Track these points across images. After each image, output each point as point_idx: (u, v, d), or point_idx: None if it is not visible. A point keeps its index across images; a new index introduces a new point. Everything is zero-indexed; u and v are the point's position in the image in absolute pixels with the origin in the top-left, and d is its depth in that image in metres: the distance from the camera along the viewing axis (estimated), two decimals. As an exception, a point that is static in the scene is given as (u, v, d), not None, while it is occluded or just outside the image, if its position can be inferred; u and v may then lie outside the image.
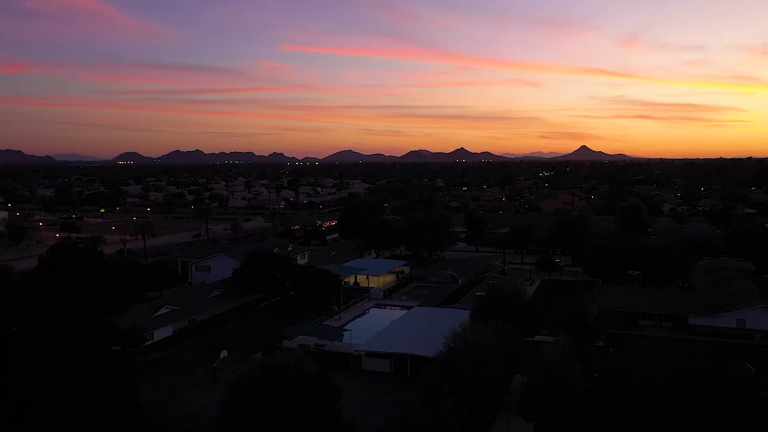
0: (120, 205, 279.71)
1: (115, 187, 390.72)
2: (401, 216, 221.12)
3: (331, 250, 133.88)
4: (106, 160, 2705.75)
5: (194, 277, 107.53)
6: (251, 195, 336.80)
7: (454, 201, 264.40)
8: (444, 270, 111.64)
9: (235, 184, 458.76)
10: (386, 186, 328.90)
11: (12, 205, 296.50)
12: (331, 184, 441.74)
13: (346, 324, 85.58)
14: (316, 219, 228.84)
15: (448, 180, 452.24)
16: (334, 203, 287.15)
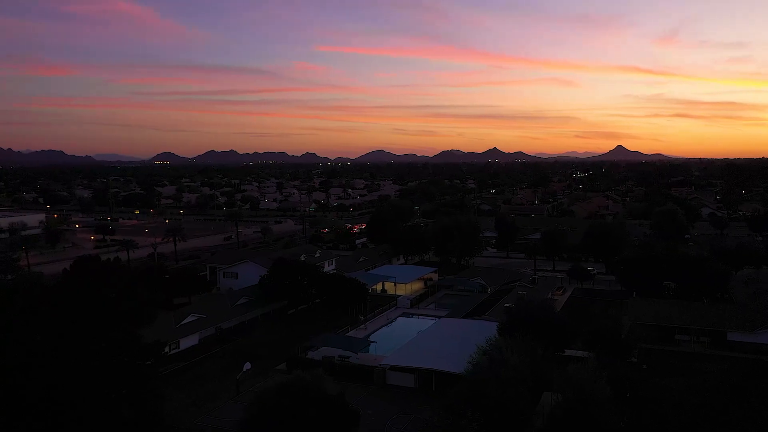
0: (154, 207, 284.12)
1: (150, 188, 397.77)
2: (431, 219, 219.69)
3: (359, 255, 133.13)
4: (144, 160, 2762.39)
5: (222, 283, 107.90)
6: (282, 197, 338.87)
7: (485, 204, 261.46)
8: (473, 278, 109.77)
9: (267, 186, 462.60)
10: (417, 188, 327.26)
11: (51, 207, 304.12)
12: (362, 186, 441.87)
13: (371, 334, 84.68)
14: (345, 222, 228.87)
15: (479, 181, 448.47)
16: (365, 205, 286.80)
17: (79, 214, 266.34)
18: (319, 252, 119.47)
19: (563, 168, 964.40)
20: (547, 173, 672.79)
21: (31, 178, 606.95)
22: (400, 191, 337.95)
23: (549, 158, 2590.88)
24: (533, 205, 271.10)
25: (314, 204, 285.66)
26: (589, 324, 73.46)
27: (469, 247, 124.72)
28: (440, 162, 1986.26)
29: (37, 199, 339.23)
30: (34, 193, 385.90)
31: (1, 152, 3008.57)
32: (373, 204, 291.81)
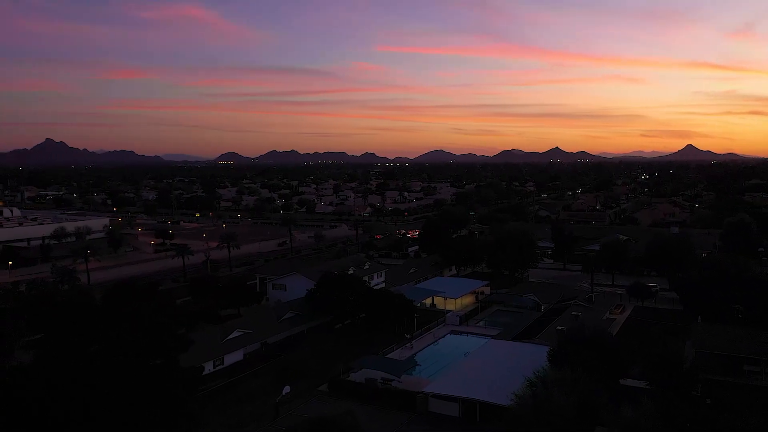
0: (214, 210, 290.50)
1: (212, 190, 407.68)
2: (487, 225, 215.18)
3: (409, 266, 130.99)
4: (209, 160, 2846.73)
5: (271, 295, 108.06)
6: (338, 200, 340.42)
7: (543, 209, 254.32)
8: (525, 294, 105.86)
9: (325, 188, 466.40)
10: (473, 192, 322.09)
11: (117, 209, 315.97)
12: (419, 188, 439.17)
13: (417, 352, 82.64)
14: (400, 227, 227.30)
15: (538, 184, 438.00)
16: (420, 210, 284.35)
17: (143, 216, 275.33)
18: (368, 263, 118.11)
19: (628, 168, 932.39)
20: (610, 174, 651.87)
21: (102, 179, 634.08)
22: (456, 195, 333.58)
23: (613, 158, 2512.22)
24: (594, 211, 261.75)
25: (369, 208, 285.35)
26: (647, 350, 69.02)
27: (522, 259, 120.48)
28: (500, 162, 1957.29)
29: (105, 200, 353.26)
30: (103, 194, 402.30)
31: (78, 153, 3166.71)
32: (428, 208, 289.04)
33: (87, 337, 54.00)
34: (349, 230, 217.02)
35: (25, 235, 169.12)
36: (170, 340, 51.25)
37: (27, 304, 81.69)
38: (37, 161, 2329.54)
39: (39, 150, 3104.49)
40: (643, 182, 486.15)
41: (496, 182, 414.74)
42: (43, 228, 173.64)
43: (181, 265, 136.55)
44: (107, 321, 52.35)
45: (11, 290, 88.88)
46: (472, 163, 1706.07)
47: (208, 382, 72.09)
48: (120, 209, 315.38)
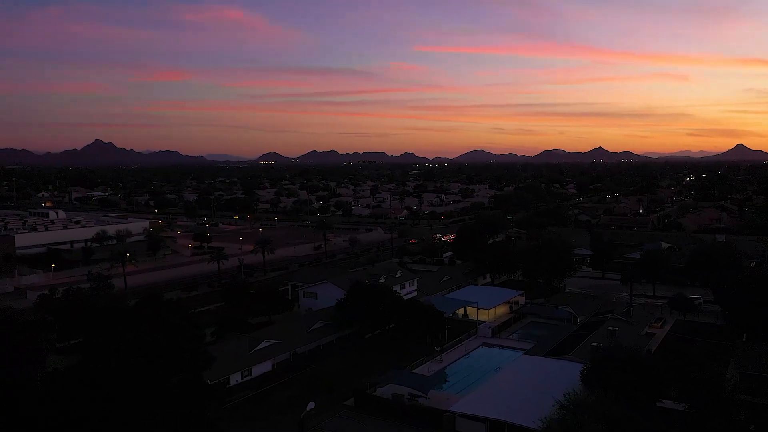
0: (252, 212, 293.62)
1: (251, 191, 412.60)
2: (524, 230, 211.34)
3: (442, 274, 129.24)
4: (250, 160, 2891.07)
5: (302, 303, 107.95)
6: (375, 202, 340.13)
7: (583, 214, 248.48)
8: (561, 306, 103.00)
9: (363, 189, 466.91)
10: (511, 195, 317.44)
11: (159, 210, 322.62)
12: (457, 190, 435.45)
13: (447, 366, 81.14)
14: (435, 232, 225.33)
15: (579, 186, 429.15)
16: (457, 213, 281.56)
17: (184, 218, 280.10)
18: (400, 272, 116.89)
19: (674, 169, 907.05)
20: (655, 176, 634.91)
21: (146, 180, 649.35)
22: (494, 197, 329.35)
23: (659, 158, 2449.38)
24: (637, 215, 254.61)
25: (405, 211, 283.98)
26: (688, 370, 65.99)
27: (559, 269, 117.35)
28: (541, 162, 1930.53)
29: (148, 201, 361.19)
30: (147, 195, 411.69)
31: (125, 153, 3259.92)
32: (465, 211, 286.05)
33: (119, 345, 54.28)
34: (384, 234, 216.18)
35: (68, 237, 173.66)
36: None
37: (62, 311, 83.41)
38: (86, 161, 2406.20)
39: (89, 150, 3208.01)
40: (690, 185, 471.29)
41: (535, 184, 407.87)
42: (86, 231, 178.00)
43: (216, 270, 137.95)
44: (134, 327, 52.42)
45: (49, 296, 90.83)
46: (513, 164, 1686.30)
47: (236, 393, 72.13)
48: (161, 210, 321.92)
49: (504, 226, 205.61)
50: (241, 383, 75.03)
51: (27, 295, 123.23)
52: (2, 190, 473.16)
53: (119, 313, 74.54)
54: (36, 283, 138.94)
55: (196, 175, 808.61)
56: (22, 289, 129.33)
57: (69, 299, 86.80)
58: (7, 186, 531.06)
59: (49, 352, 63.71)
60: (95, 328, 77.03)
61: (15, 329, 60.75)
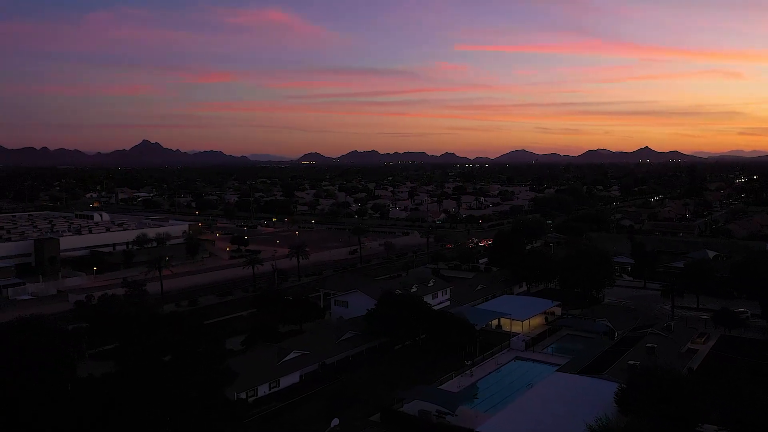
0: (290, 215, 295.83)
1: (290, 193, 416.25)
2: (564, 235, 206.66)
3: (477, 282, 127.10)
4: (292, 160, 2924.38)
5: (333, 311, 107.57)
6: (413, 205, 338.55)
7: (626, 218, 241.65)
8: (599, 318, 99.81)
9: (401, 190, 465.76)
10: (552, 198, 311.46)
11: (200, 212, 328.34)
12: (497, 192, 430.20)
13: (478, 380, 79.35)
14: (472, 236, 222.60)
15: (623, 189, 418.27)
16: (495, 216, 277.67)
17: (224, 220, 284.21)
18: (432, 280, 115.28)
19: (725, 170, 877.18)
20: (704, 177, 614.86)
21: (190, 180, 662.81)
22: (533, 200, 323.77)
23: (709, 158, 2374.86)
24: (683, 220, 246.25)
25: (443, 214, 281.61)
26: (731, 391, 62.78)
27: (596, 279, 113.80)
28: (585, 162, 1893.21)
29: (190, 203, 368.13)
30: (189, 196, 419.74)
31: (171, 153, 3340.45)
32: (504, 215, 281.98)
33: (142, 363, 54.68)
34: (420, 238, 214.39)
35: (110, 240, 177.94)
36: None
37: (96, 318, 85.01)
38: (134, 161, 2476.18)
39: (137, 151, 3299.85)
40: (740, 187, 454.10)
41: (576, 187, 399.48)
42: (127, 234, 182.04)
43: (251, 274, 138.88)
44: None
45: (85, 302, 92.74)
46: (556, 164, 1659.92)
47: (263, 405, 72.03)
48: (203, 212, 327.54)
49: (543, 232, 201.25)
50: (268, 394, 74.91)
51: (69, 298, 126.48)
52: (53, 191, 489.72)
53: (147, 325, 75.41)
54: (78, 286, 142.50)
55: (238, 176, 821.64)
56: (64, 292, 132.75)
57: (103, 306, 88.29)
58: (58, 187, 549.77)
59: (79, 360, 64.40)
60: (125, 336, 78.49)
61: (45, 338, 61.88)
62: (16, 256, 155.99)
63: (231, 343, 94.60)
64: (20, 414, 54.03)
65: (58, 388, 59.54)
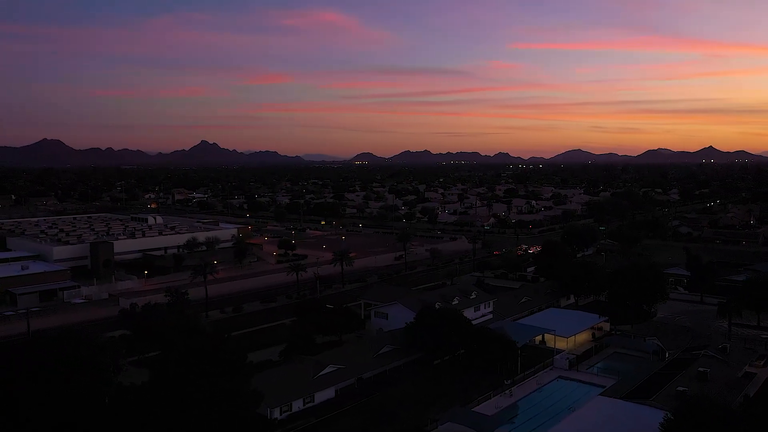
0: (339, 218, 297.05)
1: (340, 195, 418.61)
2: (617, 242, 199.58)
3: (522, 294, 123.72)
4: (345, 160, 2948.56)
5: (373, 322, 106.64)
6: (462, 208, 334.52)
7: (684, 225, 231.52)
8: (649, 337, 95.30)
9: (452, 192, 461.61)
10: (606, 202, 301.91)
11: (251, 214, 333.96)
12: (549, 195, 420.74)
13: (518, 400, 76.81)
14: (522, 242, 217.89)
15: (683, 193, 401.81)
16: (546, 222, 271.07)
17: (274, 222, 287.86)
18: (475, 293, 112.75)
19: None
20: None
21: (244, 181, 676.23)
22: (587, 205, 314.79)
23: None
24: (747, 227, 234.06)
25: (492, 218, 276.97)
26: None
27: (647, 295, 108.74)
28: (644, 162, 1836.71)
29: (242, 204, 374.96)
30: (242, 197, 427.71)
31: (228, 153, 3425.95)
32: (555, 220, 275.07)
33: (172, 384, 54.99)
34: (468, 244, 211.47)
35: (163, 243, 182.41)
36: (233, 384, 50.69)
37: (139, 326, 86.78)
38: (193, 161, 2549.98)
39: (195, 151, 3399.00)
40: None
41: (633, 190, 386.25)
42: (178, 237, 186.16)
43: (296, 280, 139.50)
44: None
45: (129, 311, 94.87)
46: (613, 164, 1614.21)
47: (297, 420, 71.67)
48: (254, 214, 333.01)
49: (595, 239, 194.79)
50: (303, 410, 74.44)
51: (119, 302, 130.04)
52: (115, 192, 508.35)
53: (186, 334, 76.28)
54: (129, 289, 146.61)
55: (291, 176, 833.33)
56: (116, 296, 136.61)
57: (146, 313, 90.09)
58: (119, 187, 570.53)
59: (115, 373, 65.61)
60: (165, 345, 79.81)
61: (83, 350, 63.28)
62: (73, 259, 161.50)
63: (270, 353, 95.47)
64: (57, 427, 55.33)
65: (93, 401, 60.80)
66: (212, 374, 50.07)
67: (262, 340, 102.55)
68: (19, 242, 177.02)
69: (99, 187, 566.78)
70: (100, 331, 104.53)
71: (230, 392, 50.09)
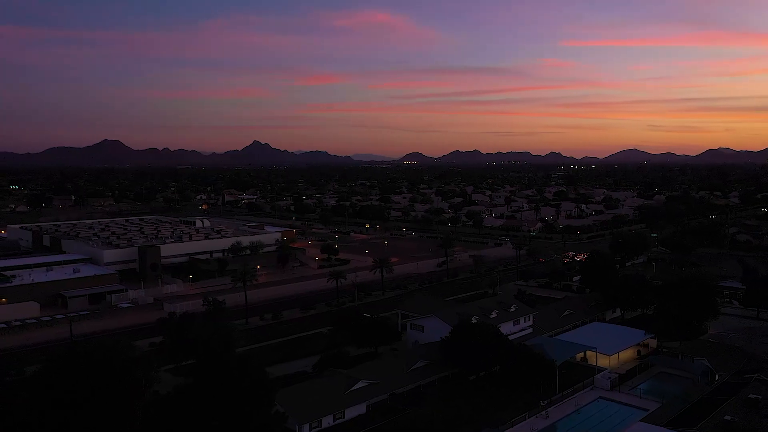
0: (383, 221, 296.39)
1: (387, 197, 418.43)
2: (670, 250, 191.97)
3: (565, 307, 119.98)
4: (394, 160, 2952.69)
5: (409, 335, 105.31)
6: (509, 212, 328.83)
7: (743, 233, 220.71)
8: (698, 357, 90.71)
9: (499, 195, 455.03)
10: (660, 207, 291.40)
11: (298, 216, 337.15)
12: (601, 197, 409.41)
13: (554, 422, 74.22)
14: (569, 248, 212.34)
15: (744, 197, 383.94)
16: (596, 227, 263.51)
17: (319, 225, 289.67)
18: (514, 306, 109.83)
19: None
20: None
21: (292, 182, 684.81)
22: (640, 209, 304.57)
23: None
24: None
25: (540, 223, 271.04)
26: None
27: (697, 311, 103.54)
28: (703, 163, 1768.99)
29: (290, 206, 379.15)
30: (290, 199, 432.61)
31: (279, 153, 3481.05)
32: (606, 225, 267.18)
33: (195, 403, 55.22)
34: (513, 250, 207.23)
35: (208, 247, 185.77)
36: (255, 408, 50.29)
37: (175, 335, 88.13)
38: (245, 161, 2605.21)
39: (248, 151, 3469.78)
40: None
41: (689, 194, 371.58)
42: (224, 241, 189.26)
43: (336, 286, 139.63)
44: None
45: (167, 319, 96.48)
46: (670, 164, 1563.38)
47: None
48: (300, 216, 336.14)
49: (646, 246, 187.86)
50: (333, 426, 73.94)
51: (163, 307, 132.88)
52: (168, 192, 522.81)
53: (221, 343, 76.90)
54: (174, 293, 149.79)
55: (340, 177, 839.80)
56: (160, 301, 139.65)
57: (184, 321, 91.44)
58: (173, 188, 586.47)
59: (147, 385, 66.60)
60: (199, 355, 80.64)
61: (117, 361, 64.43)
62: (123, 262, 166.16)
63: (305, 363, 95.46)
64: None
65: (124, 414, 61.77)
66: (236, 403, 49.95)
67: (298, 351, 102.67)
68: (73, 245, 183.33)
69: (153, 187, 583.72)
70: (142, 337, 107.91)
71: (252, 417, 49.89)
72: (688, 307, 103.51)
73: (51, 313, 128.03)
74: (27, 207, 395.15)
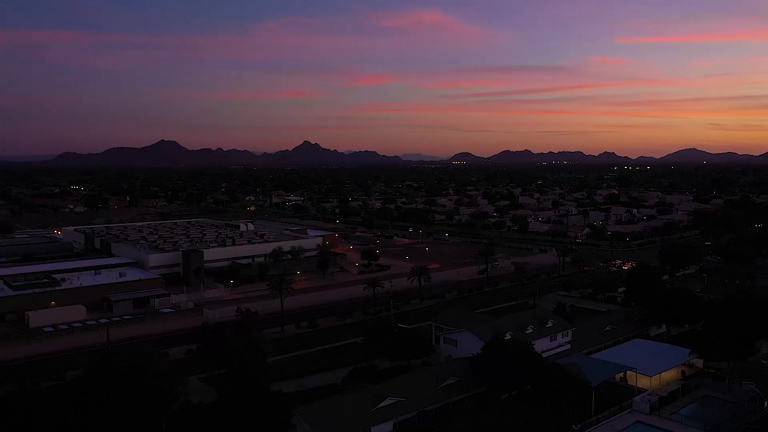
0: (427, 225, 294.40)
1: (432, 200, 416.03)
2: (723, 259, 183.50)
3: (606, 322, 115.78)
4: (443, 160, 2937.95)
5: (442, 348, 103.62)
6: (556, 216, 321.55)
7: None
8: (746, 381, 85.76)
9: (548, 197, 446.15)
10: (715, 213, 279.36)
11: (342, 218, 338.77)
12: (654, 201, 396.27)
13: (588, 448, 71.52)
14: (617, 256, 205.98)
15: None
16: (646, 234, 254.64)
17: (363, 228, 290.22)
18: (552, 321, 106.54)
19: None
20: None
21: (339, 183, 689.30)
22: (694, 214, 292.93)
23: None
24: None
25: (587, 229, 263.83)
26: None
27: (748, 330, 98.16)
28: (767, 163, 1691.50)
29: (334, 209, 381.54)
30: (335, 200, 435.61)
31: (329, 153, 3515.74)
32: (657, 232, 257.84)
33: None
34: (557, 257, 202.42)
35: (251, 252, 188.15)
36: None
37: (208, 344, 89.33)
38: (296, 161, 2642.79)
39: (298, 151, 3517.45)
40: None
41: (749, 198, 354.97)
42: (266, 246, 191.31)
43: (373, 294, 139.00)
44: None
45: (201, 328, 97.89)
46: (732, 164, 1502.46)
47: (349, 456, 70.47)
48: (345, 219, 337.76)
49: (698, 256, 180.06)
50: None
51: (203, 312, 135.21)
52: (218, 194, 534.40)
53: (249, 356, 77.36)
54: (216, 298, 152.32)
55: (387, 177, 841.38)
56: (200, 306, 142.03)
57: (217, 331, 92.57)
58: (223, 189, 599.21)
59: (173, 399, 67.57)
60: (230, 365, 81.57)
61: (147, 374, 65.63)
62: (167, 266, 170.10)
63: (335, 375, 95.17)
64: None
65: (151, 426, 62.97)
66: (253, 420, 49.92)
67: (330, 361, 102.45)
68: (122, 248, 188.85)
69: (204, 188, 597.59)
70: (180, 343, 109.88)
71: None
72: (739, 325, 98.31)
73: (97, 317, 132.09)
74: (84, 207, 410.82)
